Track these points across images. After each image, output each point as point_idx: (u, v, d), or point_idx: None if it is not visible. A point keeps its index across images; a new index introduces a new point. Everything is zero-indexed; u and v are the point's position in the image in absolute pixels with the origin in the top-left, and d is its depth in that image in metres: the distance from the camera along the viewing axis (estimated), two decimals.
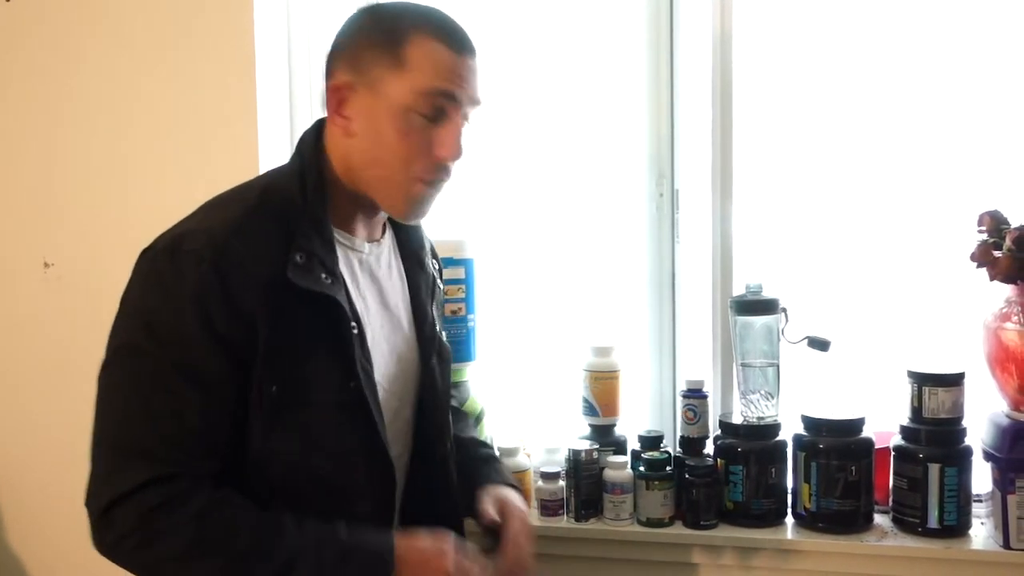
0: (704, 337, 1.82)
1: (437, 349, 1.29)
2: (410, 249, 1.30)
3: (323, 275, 1.09)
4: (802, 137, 1.81)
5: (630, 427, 1.78)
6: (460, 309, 1.68)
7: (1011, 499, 1.52)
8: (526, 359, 1.92)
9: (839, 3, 1.77)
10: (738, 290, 1.76)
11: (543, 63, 1.88)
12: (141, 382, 1.04)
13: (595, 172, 1.89)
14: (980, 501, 1.62)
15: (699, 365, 1.82)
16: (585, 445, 1.69)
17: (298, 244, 1.08)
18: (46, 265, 1.91)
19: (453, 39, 1.12)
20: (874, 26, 1.76)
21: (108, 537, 1.03)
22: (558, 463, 1.73)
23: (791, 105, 1.81)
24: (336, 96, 1.12)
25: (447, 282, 1.66)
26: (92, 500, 1.04)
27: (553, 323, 1.91)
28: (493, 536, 1.26)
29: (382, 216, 1.24)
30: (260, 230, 1.08)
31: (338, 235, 1.16)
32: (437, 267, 1.38)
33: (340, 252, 1.15)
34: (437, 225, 1.86)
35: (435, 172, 1.14)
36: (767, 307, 1.67)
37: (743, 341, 1.69)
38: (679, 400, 1.75)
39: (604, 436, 1.74)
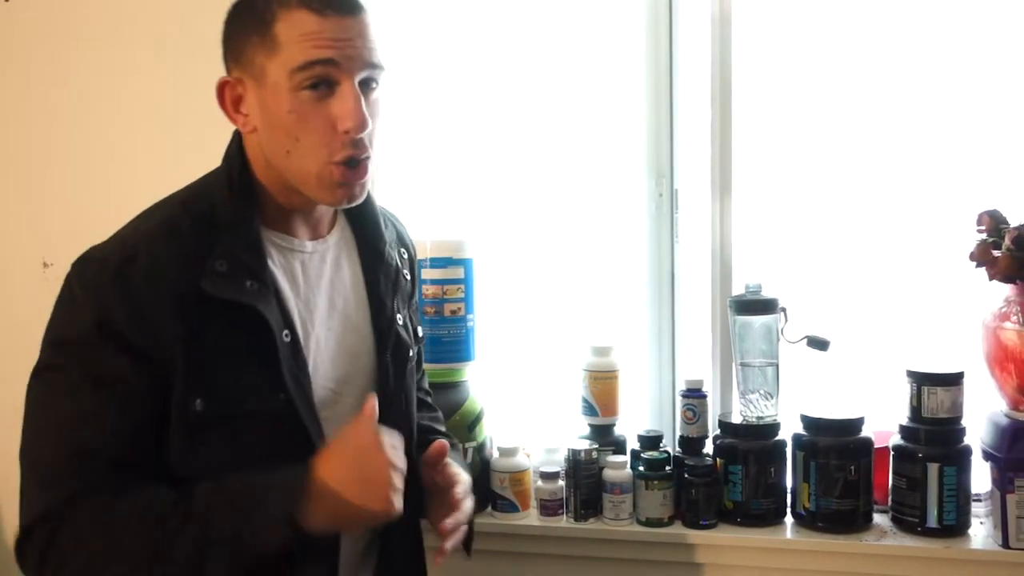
0: (703, 337, 1.82)
1: (393, 343, 1.21)
2: (366, 240, 1.22)
3: (248, 282, 1.04)
4: (801, 137, 1.81)
5: (629, 427, 1.78)
6: (459, 309, 1.68)
7: (1010, 498, 1.52)
8: (525, 359, 1.91)
9: (838, 4, 1.78)
10: (737, 290, 1.76)
11: (542, 63, 1.88)
12: (55, 393, 1.02)
13: (594, 172, 1.89)
14: (979, 500, 1.62)
15: (698, 365, 1.82)
16: (584, 445, 1.70)
17: (220, 251, 1.03)
18: (45, 265, 1.91)
19: (320, 1, 1.03)
20: (873, 26, 1.76)
21: (24, 569, 1.01)
22: (558, 463, 1.73)
23: (790, 105, 1.81)
24: (231, 94, 1.09)
25: (446, 282, 1.67)
26: (20, 523, 1.02)
27: (552, 323, 1.91)
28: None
29: (325, 211, 1.17)
30: (176, 239, 1.04)
31: (275, 237, 1.11)
32: (406, 256, 1.30)
33: (278, 254, 1.10)
34: (436, 225, 1.87)
35: (345, 148, 1.05)
36: (766, 307, 1.67)
37: (742, 341, 1.69)
38: (678, 400, 1.75)
39: (603, 436, 1.74)
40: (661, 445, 1.71)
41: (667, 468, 1.67)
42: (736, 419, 1.68)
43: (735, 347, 1.71)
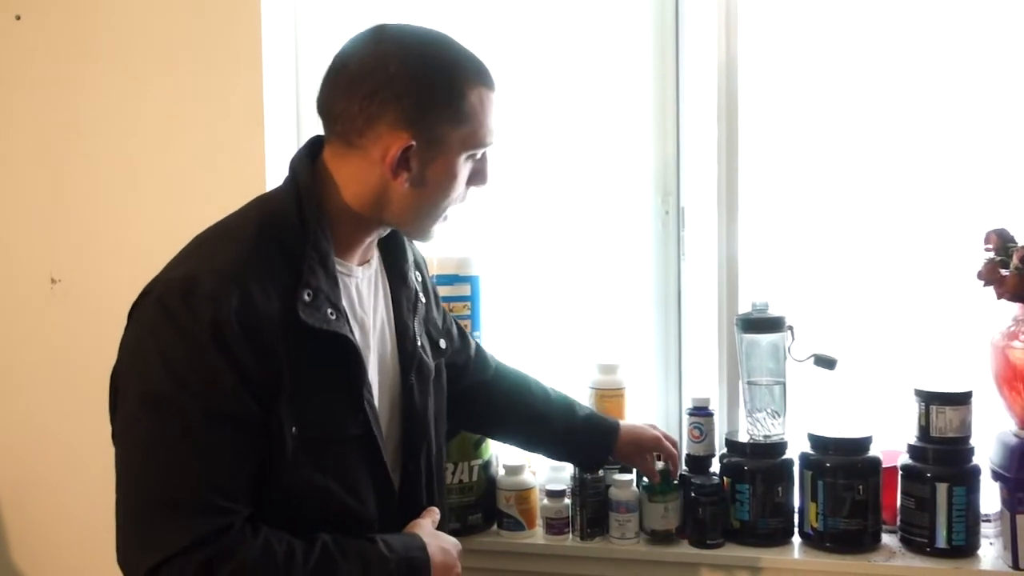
0: (710, 355, 1.82)
1: (416, 367, 1.27)
2: (395, 265, 1.29)
3: (328, 311, 1.09)
4: (807, 155, 1.81)
5: None
6: (466, 326, 1.68)
7: (1020, 519, 1.51)
8: (532, 376, 1.91)
9: (844, 22, 1.78)
10: (744, 308, 1.75)
11: (548, 80, 1.89)
12: (174, 432, 1.01)
13: (601, 190, 1.89)
14: (988, 521, 1.61)
15: (705, 383, 1.82)
16: None
17: (305, 281, 1.07)
18: (53, 281, 1.91)
19: (492, 80, 1.17)
20: (879, 47, 1.76)
21: None
22: (564, 481, 1.72)
23: (796, 123, 1.81)
24: (402, 155, 1.10)
25: (453, 299, 1.66)
26: (134, 561, 1.01)
27: (559, 340, 1.91)
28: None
29: (375, 240, 1.23)
30: (269, 268, 1.07)
31: (338, 264, 1.15)
32: (420, 279, 1.35)
33: (339, 280, 1.14)
34: (442, 242, 1.87)
35: (465, 200, 1.22)
36: (773, 325, 1.67)
37: (749, 359, 1.69)
38: (685, 418, 1.74)
39: None
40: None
41: (674, 482, 1.65)
42: (743, 438, 1.68)
43: (742, 365, 1.70)
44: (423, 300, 1.33)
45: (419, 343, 1.28)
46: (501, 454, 1.75)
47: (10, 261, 1.95)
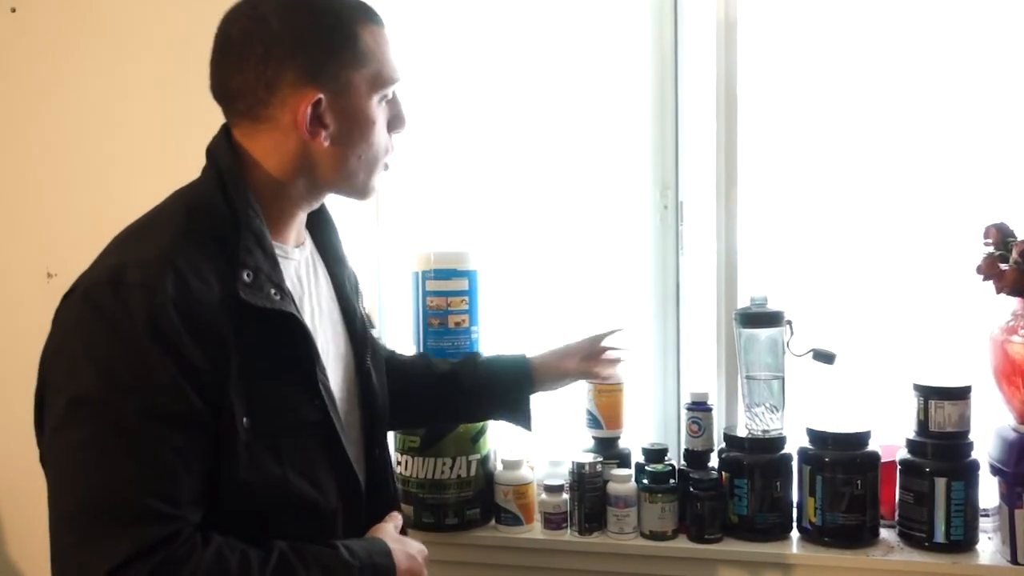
0: (709, 350, 1.81)
1: (371, 350, 1.24)
2: (329, 245, 1.24)
3: (272, 291, 1.02)
4: (807, 149, 1.81)
5: (634, 440, 1.77)
6: (464, 321, 1.67)
7: (1019, 513, 1.51)
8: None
9: (844, 16, 1.77)
10: (743, 302, 1.75)
11: (547, 75, 1.88)
12: (108, 436, 0.92)
13: (599, 184, 1.89)
14: (987, 516, 1.61)
15: (703, 378, 1.82)
16: (589, 458, 1.69)
17: (242, 261, 1.01)
18: (49, 276, 1.91)
19: (378, 16, 1.11)
20: (880, 42, 1.76)
21: None
22: (562, 476, 1.72)
23: (796, 117, 1.81)
24: (314, 112, 1.05)
25: (450, 293, 1.66)
26: None
27: (557, 335, 1.90)
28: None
29: (303, 218, 1.17)
30: (201, 252, 1.00)
31: (274, 246, 1.09)
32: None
33: (280, 263, 1.08)
34: (440, 236, 1.87)
35: (393, 149, 1.16)
36: (772, 319, 1.67)
37: (748, 354, 1.69)
38: (683, 413, 1.74)
39: (608, 449, 1.73)
40: (666, 458, 1.70)
41: (672, 481, 1.66)
42: (742, 432, 1.67)
43: (740, 360, 1.70)
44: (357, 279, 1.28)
45: (368, 325, 1.25)
46: (499, 448, 1.75)
47: (6, 255, 1.94)
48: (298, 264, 1.15)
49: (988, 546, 1.59)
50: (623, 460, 1.73)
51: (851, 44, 1.77)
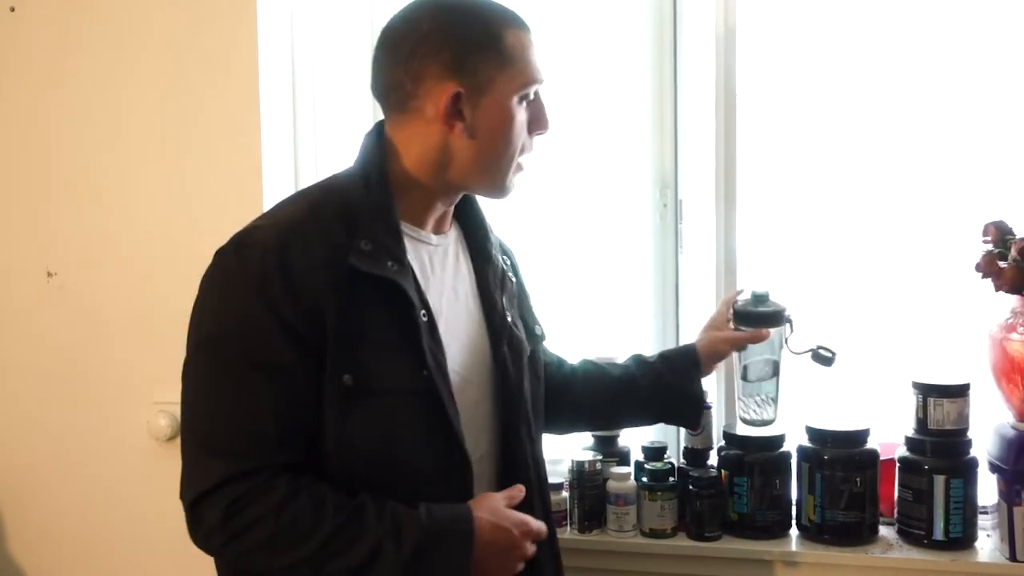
0: None
1: (507, 339, 1.28)
2: (476, 242, 1.31)
3: (389, 262, 1.11)
4: (806, 147, 1.81)
5: (634, 438, 1.77)
6: None
7: (1017, 511, 1.51)
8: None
9: (842, 14, 1.78)
10: (742, 300, 1.74)
11: (546, 74, 1.88)
12: (217, 377, 1.08)
13: (599, 183, 1.89)
14: (986, 513, 1.61)
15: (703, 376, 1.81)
16: (588, 456, 1.69)
17: (364, 232, 1.11)
18: (49, 275, 1.90)
19: (525, 22, 1.19)
20: (878, 39, 1.76)
21: (198, 532, 1.08)
22: (561, 474, 1.72)
23: (795, 115, 1.81)
24: (453, 104, 1.14)
25: None
26: (183, 495, 1.08)
27: (557, 334, 1.90)
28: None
29: (449, 210, 1.26)
30: (323, 222, 1.11)
31: (406, 228, 1.18)
32: (509, 263, 1.38)
33: (409, 244, 1.16)
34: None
35: (531, 149, 1.23)
36: (771, 319, 1.66)
37: (746, 350, 1.68)
38: None
39: (607, 447, 1.74)
40: (665, 456, 1.70)
41: (671, 479, 1.66)
42: (739, 429, 1.67)
43: (738, 357, 1.69)
44: (512, 280, 1.35)
45: (508, 318, 1.29)
46: None
47: (6, 254, 1.94)
48: (434, 249, 1.22)
49: (987, 543, 1.59)
50: (623, 458, 1.73)
51: (850, 43, 1.77)
